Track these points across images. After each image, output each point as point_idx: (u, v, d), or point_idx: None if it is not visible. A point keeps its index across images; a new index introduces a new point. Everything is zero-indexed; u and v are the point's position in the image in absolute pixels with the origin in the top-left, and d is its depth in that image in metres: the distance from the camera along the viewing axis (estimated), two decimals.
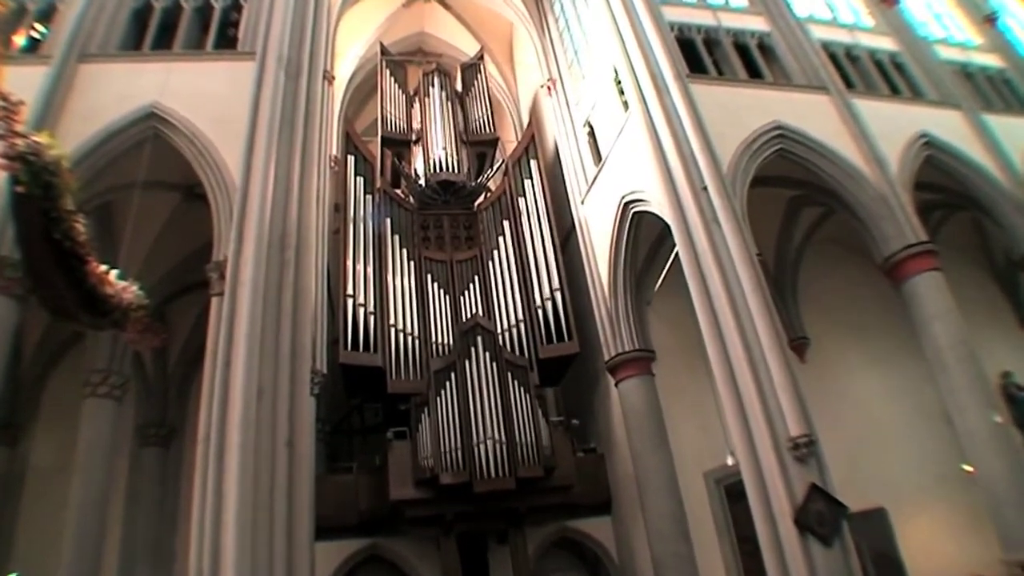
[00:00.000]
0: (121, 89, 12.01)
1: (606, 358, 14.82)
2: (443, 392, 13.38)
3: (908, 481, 14.52)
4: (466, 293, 15.67)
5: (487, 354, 13.79)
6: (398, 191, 17.45)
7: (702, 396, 13.08)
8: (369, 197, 16.22)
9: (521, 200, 17.07)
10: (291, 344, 10.48)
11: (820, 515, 9.80)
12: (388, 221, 16.01)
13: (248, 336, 9.96)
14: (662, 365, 14.68)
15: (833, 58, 15.78)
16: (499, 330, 14.90)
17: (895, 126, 14.34)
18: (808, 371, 14.17)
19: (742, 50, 15.42)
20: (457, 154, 17.45)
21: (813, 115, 13.97)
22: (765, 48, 15.70)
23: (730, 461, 11.54)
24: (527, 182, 17.35)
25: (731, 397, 10.72)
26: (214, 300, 10.50)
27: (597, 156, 16.11)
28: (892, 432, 15.20)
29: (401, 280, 15.34)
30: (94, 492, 12.57)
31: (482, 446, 12.80)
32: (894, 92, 15.92)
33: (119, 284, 6.25)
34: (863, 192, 13.35)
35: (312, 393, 10.95)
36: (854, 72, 15.99)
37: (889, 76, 16.34)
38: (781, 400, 10.28)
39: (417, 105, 18.68)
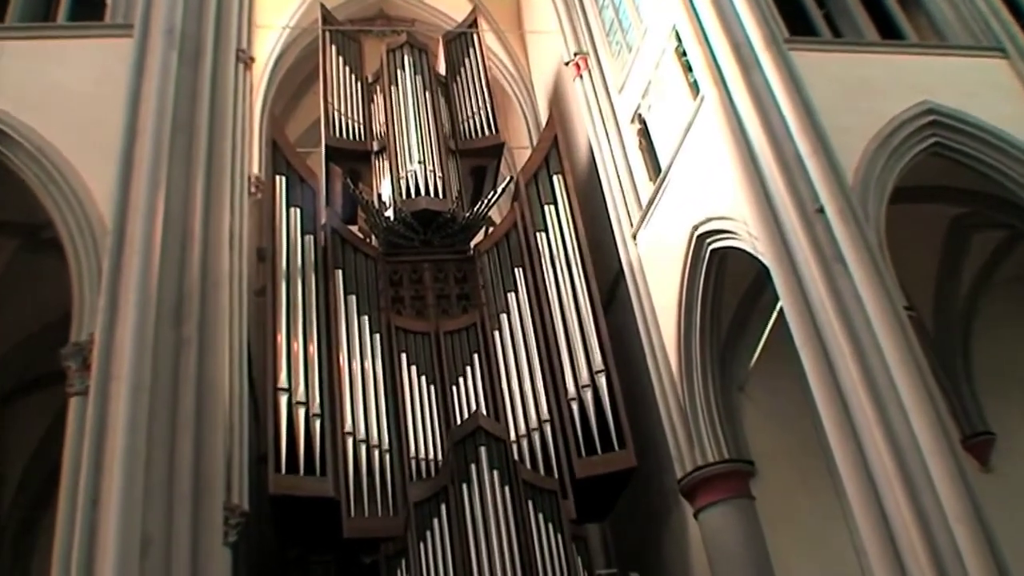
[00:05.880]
0: None
1: (679, 475, 14.66)
2: (429, 535, 13.24)
3: None
4: (461, 381, 15.66)
5: (495, 474, 13.69)
6: (354, 228, 17.51)
7: (829, 528, 12.95)
8: (310, 238, 16.32)
9: (541, 236, 17.14)
10: (193, 468, 10.34)
11: None
12: (339, 274, 16.07)
13: (126, 457, 9.83)
14: (766, 482, 14.51)
15: (1011, 2, 15.86)
16: (513, 436, 14.83)
17: None
18: (995, 484, 14.02)
19: None
20: (442, 170, 17.59)
21: (984, 90, 14.02)
22: None
23: None
24: (549, 209, 17.45)
25: (874, 529, 10.49)
26: (73, 402, 10.42)
27: (654, 167, 16.18)
28: None
29: (361, 364, 15.33)
30: None
31: None
32: None
33: None
34: None
35: (227, 543, 10.81)
36: None
37: None
38: (954, 531, 10.04)
39: (380, 97, 18.90)
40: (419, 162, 17.42)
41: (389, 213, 17.21)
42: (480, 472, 13.69)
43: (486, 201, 18.14)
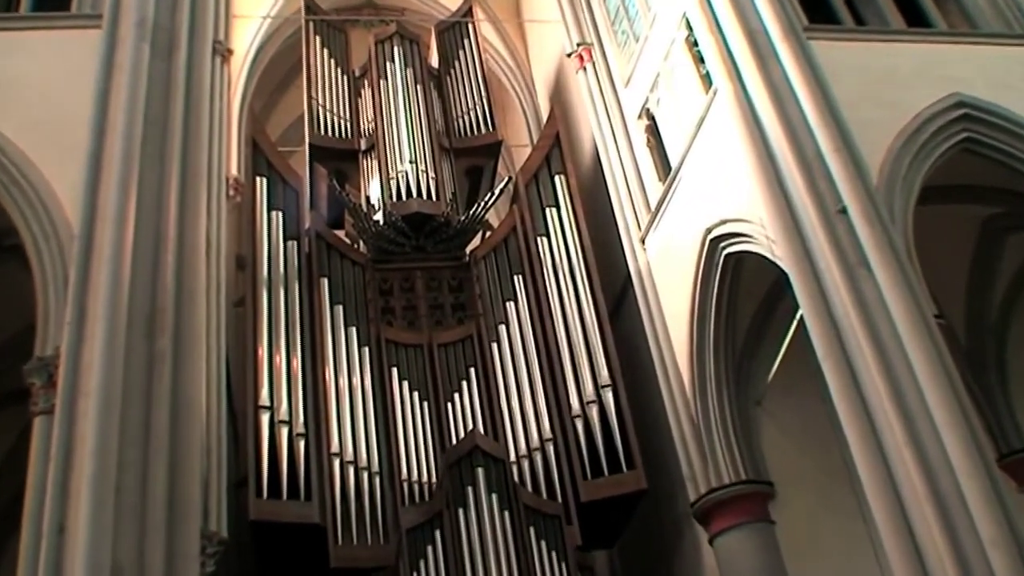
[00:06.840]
0: None
1: (692, 497, 14.59)
2: (422, 564, 13.24)
3: None
4: (457, 397, 15.67)
5: (494, 497, 13.70)
6: (340, 233, 17.48)
7: (855, 555, 12.95)
8: (293, 244, 16.32)
9: (542, 241, 17.16)
10: (167, 492, 10.31)
11: None
12: (325, 282, 16.07)
13: (95, 481, 9.80)
14: (786, 505, 14.45)
15: None
16: (513, 457, 14.85)
17: None
18: None
19: None
20: (435, 170, 17.62)
21: (1018, 81, 13.99)
22: None
23: None
24: (550, 212, 17.47)
25: (903, 556, 10.43)
26: (38, 422, 10.43)
27: (664, 165, 16.17)
28: None
29: (349, 379, 15.34)
30: None
31: None
32: None
33: None
34: None
35: (204, 573, 10.79)
36: None
37: None
38: (990, 557, 9.98)
39: (367, 92, 18.92)
40: (410, 162, 17.43)
41: (378, 217, 17.22)
42: (477, 496, 13.70)
43: (483, 203, 18.16)
